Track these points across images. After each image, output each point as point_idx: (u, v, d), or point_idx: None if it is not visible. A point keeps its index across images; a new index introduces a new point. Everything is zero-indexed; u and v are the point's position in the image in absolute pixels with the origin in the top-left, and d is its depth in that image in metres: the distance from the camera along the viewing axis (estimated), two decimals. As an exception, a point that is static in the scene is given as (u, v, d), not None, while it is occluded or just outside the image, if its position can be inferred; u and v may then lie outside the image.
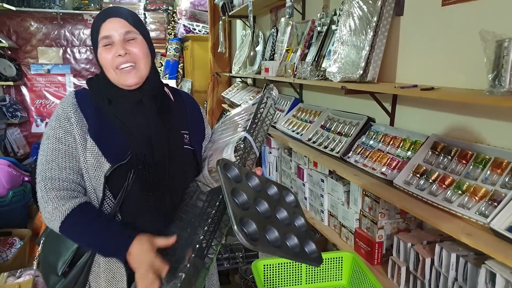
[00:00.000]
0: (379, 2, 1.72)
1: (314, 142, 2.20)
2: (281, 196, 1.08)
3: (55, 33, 5.58)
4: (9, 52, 5.39)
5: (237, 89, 4.22)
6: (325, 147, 2.07)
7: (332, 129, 2.16)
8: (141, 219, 1.14)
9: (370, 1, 1.77)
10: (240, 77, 4.18)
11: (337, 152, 1.93)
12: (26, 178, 3.49)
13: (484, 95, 1.13)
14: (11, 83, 5.19)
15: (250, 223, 0.89)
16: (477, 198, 1.20)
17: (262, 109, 1.21)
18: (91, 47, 5.48)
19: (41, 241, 1.21)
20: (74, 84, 5.74)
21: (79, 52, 5.73)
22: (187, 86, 5.69)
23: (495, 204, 1.13)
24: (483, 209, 1.16)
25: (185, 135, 1.24)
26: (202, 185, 1.20)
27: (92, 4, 5.63)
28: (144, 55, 1.13)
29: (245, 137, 1.14)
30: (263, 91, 1.20)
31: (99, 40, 1.12)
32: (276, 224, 0.97)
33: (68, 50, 5.68)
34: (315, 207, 2.21)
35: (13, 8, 5.05)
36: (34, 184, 3.43)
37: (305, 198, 2.33)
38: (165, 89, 1.27)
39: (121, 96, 1.15)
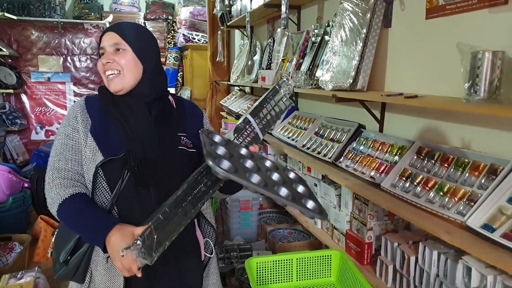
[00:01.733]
0: (369, 15, 1.81)
1: (308, 148, 2.28)
2: (276, 168, 1.08)
3: (56, 41, 5.67)
4: (10, 60, 5.47)
5: (235, 97, 4.31)
6: (318, 153, 2.15)
7: (325, 135, 2.25)
8: (135, 213, 1.21)
9: (360, 14, 1.87)
10: (238, 86, 4.27)
11: (329, 158, 2.02)
12: (26, 185, 3.55)
13: (461, 102, 1.22)
14: (11, 91, 5.27)
15: (226, 163, 0.93)
16: (456, 199, 1.29)
17: (273, 96, 1.22)
18: (91, 56, 5.50)
19: (55, 233, 1.29)
20: (74, 92, 5.82)
21: (79, 60, 5.81)
22: (186, 94, 5.78)
23: (472, 204, 1.22)
24: (461, 208, 1.24)
25: (182, 137, 1.33)
26: None
27: (93, 13, 5.73)
28: (128, 65, 1.24)
29: (246, 117, 1.18)
30: (281, 80, 1.24)
31: (99, 52, 1.29)
32: (265, 177, 0.97)
33: (69, 58, 5.76)
34: (309, 211, 2.29)
35: (14, 17, 5.14)
36: (33, 190, 3.50)
37: (299, 202, 2.41)
38: (170, 97, 1.38)
39: (121, 101, 1.27)
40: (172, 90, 5.95)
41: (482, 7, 1.35)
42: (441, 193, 1.35)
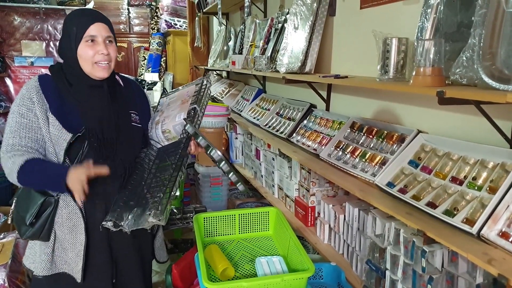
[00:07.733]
0: (315, 4, 2.01)
1: (269, 127, 2.50)
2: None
3: (38, 27, 5.77)
4: (-7, 45, 5.58)
5: (213, 82, 4.49)
6: (277, 131, 2.37)
7: (284, 115, 2.46)
8: (92, 182, 1.33)
9: (308, 3, 2.07)
10: (215, 70, 4.45)
11: (284, 134, 2.24)
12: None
13: (376, 81, 1.44)
14: (-5, 74, 5.40)
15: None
16: (373, 163, 1.52)
17: (204, 90, 1.55)
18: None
19: (14, 201, 1.45)
20: (58, 76, 5.93)
21: (62, 45, 5.93)
22: (168, 79, 5.93)
23: (383, 166, 1.45)
24: (375, 170, 1.48)
25: (133, 114, 1.51)
26: (154, 143, 1.56)
27: (77, -1, 5.83)
28: (115, 57, 1.43)
29: (195, 107, 1.49)
30: (203, 77, 1.54)
31: (83, 36, 1.36)
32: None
33: (51, 43, 5.87)
34: (269, 183, 2.52)
35: (-2, 4, 5.24)
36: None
37: (262, 176, 2.64)
38: (116, 76, 1.54)
39: (83, 82, 1.40)
40: (155, 75, 6.14)
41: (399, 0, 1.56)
42: (364, 160, 1.58)
